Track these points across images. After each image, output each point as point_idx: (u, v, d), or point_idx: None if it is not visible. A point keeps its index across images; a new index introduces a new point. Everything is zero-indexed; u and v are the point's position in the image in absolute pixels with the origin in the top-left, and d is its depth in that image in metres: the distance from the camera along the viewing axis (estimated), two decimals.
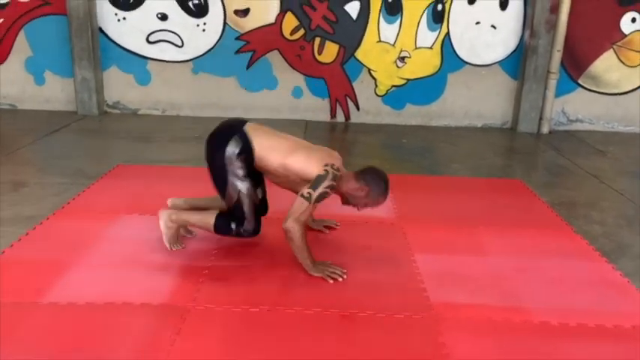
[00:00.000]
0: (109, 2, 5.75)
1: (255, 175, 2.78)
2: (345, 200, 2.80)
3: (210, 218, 2.79)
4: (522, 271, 2.88)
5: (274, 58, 5.90)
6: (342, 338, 2.27)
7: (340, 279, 2.67)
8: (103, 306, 2.40)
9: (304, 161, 2.65)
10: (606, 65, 5.97)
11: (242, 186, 2.69)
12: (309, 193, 2.57)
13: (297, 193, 2.79)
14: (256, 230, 2.79)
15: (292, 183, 2.75)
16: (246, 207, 2.72)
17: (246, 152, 2.67)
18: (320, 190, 2.57)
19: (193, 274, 2.70)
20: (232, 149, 2.67)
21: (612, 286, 2.77)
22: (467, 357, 2.18)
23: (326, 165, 2.61)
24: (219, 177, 2.73)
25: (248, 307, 2.44)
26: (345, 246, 3.04)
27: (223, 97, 6.01)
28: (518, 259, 3.02)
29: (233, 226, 2.75)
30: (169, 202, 3.05)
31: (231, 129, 2.75)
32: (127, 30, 5.83)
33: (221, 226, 2.78)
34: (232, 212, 2.75)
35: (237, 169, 2.68)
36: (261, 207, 3.01)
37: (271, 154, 2.69)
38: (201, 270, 2.74)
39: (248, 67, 5.93)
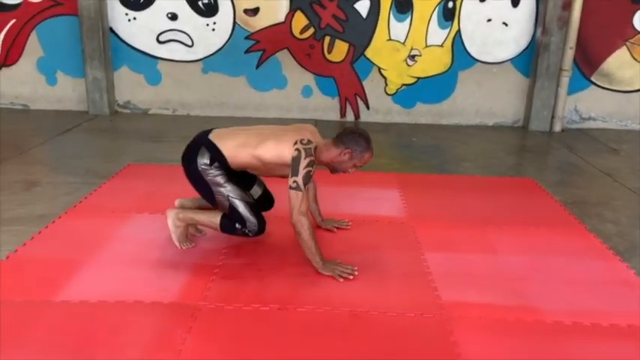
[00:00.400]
0: (119, 2, 5.78)
1: (241, 176, 2.82)
2: (333, 169, 2.78)
3: (216, 218, 2.80)
4: (534, 270, 2.85)
5: (284, 57, 5.90)
6: (352, 337, 2.26)
7: (350, 277, 2.66)
8: (115, 304, 2.41)
9: (274, 148, 2.64)
10: (619, 62, 5.90)
11: (227, 191, 2.73)
12: (294, 182, 2.56)
13: (283, 177, 2.77)
14: (260, 229, 2.78)
15: (275, 170, 2.74)
16: (241, 209, 2.74)
17: (217, 159, 2.71)
18: (302, 172, 2.55)
19: (204, 272, 2.70)
20: (202, 160, 2.72)
21: (626, 285, 2.73)
22: (479, 357, 2.16)
23: (295, 143, 2.58)
24: (204, 190, 2.79)
25: (259, 305, 2.43)
26: (355, 245, 3.03)
27: (233, 97, 6.02)
28: (530, 258, 2.99)
29: (238, 226, 2.76)
30: (177, 202, 3.06)
31: (197, 142, 2.79)
32: (137, 30, 5.86)
33: (226, 226, 2.79)
34: (231, 216, 2.76)
35: (215, 177, 2.72)
36: (264, 203, 3.02)
37: (241, 151, 2.70)
38: (212, 268, 2.74)
39: (258, 66, 5.93)
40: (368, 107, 6.07)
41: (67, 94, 6.04)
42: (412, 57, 5.90)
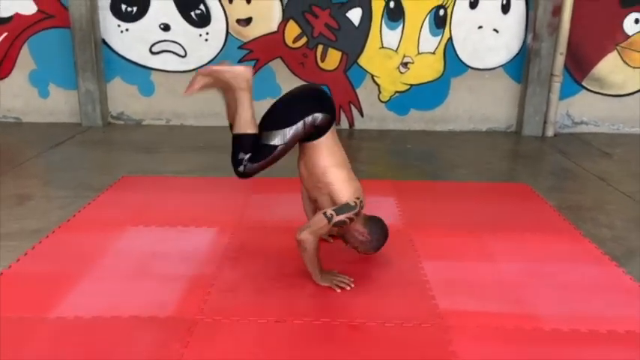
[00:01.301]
0: (111, 14, 5.78)
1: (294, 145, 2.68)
2: (341, 233, 2.78)
3: (249, 128, 2.56)
4: (531, 276, 2.86)
5: (277, 66, 5.91)
6: (351, 349, 2.25)
7: (348, 288, 2.66)
8: (110, 319, 2.39)
9: (342, 182, 2.63)
10: (610, 67, 5.95)
11: (289, 140, 2.57)
12: (331, 214, 2.56)
13: (310, 193, 2.77)
14: (250, 175, 2.61)
15: (317, 190, 2.69)
16: (271, 157, 2.57)
17: (319, 131, 2.61)
18: (342, 217, 2.57)
19: (200, 285, 2.69)
20: (319, 117, 2.57)
21: (623, 291, 2.74)
22: None
23: (357, 198, 2.62)
24: (288, 118, 2.57)
25: (256, 318, 2.42)
26: (352, 254, 3.01)
27: None
28: (526, 265, 2.99)
29: (247, 155, 2.56)
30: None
31: (332, 106, 2.67)
32: (130, 41, 5.85)
33: (243, 142, 2.57)
34: (258, 148, 2.59)
35: (303, 130, 2.57)
36: None
37: (326, 152, 2.64)
38: (209, 281, 2.72)
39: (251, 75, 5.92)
40: (362, 115, 6.08)
41: (59, 106, 6.01)
42: (405, 64, 5.92)
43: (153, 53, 5.89)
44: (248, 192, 3.84)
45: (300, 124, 2.56)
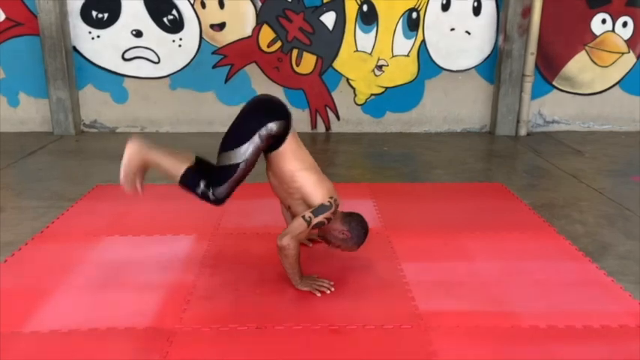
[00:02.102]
0: (82, 21, 5.69)
1: (258, 158, 2.68)
2: (322, 234, 2.80)
3: (180, 167, 2.64)
4: (508, 274, 2.90)
5: (252, 71, 5.90)
6: (332, 352, 2.24)
7: (328, 291, 2.66)
8: (87, 332, 2.34)
9: (314, 184, 2.64)
10: (579, 66, 6.09)
11: (250, 157, 2.57)
12: (309, 217, 2.57)
13: (283, 201, 2.79)
14: (223, 200, 2.65)
15: (289, 197, 2.70)
16: (236, 176, 2.59)
17: (279, 139, 2.62)
18: (320, 218, 2.58)
19: (179, 294, 2.65)
20: (274, 126, 2.57)
21: (597, 286, 2.80)
22: None
23: (331, 198, 2.63)
24: (241, 135, 2.57)
25: (236, 325, 2.40)
26: (332, 258, 3.02)
27: (202, 112, 5.97)
28: (503, 263, 3.03)
29: (202, 184, 2.60)
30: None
31: (284, 112, 2.66)
32: (101, 48, 5.77)
33: (188, 180, 2.63)
34: (217, 171, 2.61)
35: (261, 142, 2.57)
36: None
37: (291, 158, 2.65)
38: (187, 290, 2.69)
39: (226, 80, 5.91)
40: (338, 118, 6.10)
41: (30, 115, 5.89)
42: (379, 67, 5.97)
43: (125, 60, 5.81)
44: None
45: (256, 139, 2.56)
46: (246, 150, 2.56)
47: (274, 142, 2.63)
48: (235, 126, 2.66)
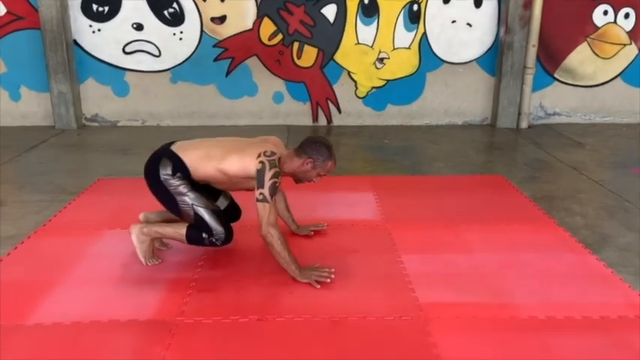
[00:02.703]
0: (82, 14, 5.69)
1: (205, 188, 2.79)
2: (297, 179, 2.79)
3: (182, 229, 2.78)
4: (508, 266, 2.91)
5: (253, 64, 5.89)
6: (332, 344, 2.26)
7: (328, 280, 2.66)
8: (90, 325, 2.37)
9: (239, 161, 2.64)
10: (581, 58, 6.07)
11: (191, 199, 2.70)
12: (261, 193, 2.56)
13: (241, 189, 2.83)
14: (228, 238, 2.76)
15: (241, 183, 2.74)
16: (207, 217, 2.71)
17: (179, 169, 2.70)
18: (268, 184, 2.55)
19: (180, 286, 2.67)
20: (165, 171, 2.70)
21: (597, 277, 2.81)
22: (457, 356, 2.19)
23: (258, 156, 2.59)
24: (168, 201, 2.76)
25: (237, 317, 2.42)
26: (332, 250, 3.04)
27: (203, 106, 5.98)
28: (503, 255, 3.05)
29: (204, 235, 2.74)
30: (141, 216, 3.04)
31: (158, 154, 2.78)
32: (102, 41, 5.77)
33: (193, 237, 2.77)
34: (198, 226, 2.74)
35: (178, 187, 2.70)
36: (231, 214, 3.00)
37: (205, 163, 2.69)
38: (188, 282, 2.71)
39: (227, 74, 5.91)
40: (339, 111, 6.10)
41: (32, 109, 5.90)
42: (381, 60, 5.96)
43: (126, 53, 5.81)
44: None
45: (173, 189, 2.70)
46: (183, 202, 2.71)
47: (182, 173, 2.70)
48: (159, 202, 2.82)
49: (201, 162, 2.70)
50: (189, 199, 2.70)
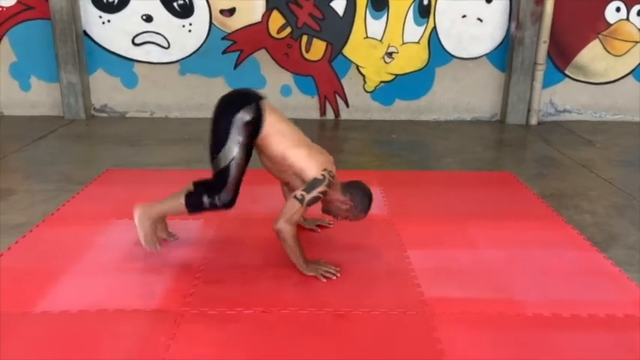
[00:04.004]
0: (92, 5, 5.70)
1: (250, 149, 2.72)
2: (326, 208, 2.80)
3: (179, 199, 2.73)
4: (515, 263, 2.90)
5: (262, 57, 5.88)
6: (337, 337, 2.27)
7: (334, 277, 2.67)
8: (96, 313, 2.38)
9: (305, 159, 2.64)
10: (592, 55, 6.01)
11: (236, 154, 2.62)
12: (302, 195, 2.57)
13: (283, 180, 2.80)
14: (232, 202, 2.70)
15: (283, 174, 2.74)
16: (232, 176, 2.64)
17: (255, 124, 2.64)
18: (314, 194, 2.58)
19: (186, 277, 2.68)
20: (243, 115, 2.61)
21: (604, 276, 2.79)
22: (462, 352, 2.18)
23: (324, 170, 2.62)
24: (219, 138, 2.64)
25: (242, 309, 2.43)
26: (338, 244, 3.04)
27: (211, 98, 5.86)
28: (510, 252, 3.03)
29: (205, 198, 2.67)
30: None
31: (248, 97, 2.71)
32: (111, 32, 5.78)
33: (193, 203, 2.71)
34: (214, 179, 2.67)
35: (239, 135, 2.61)
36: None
37: (277, 138, 2.66)
38: (194, 273, 2.72)
39: (236, 66, 5.90)
40: (347, 105, 6.08)
41: (41, 99, 5.93)
42: (389, 54, 5.93)
43: (135, 44, 5.82)
44: None
45: (233, 135, 2.60)
46: (229, 150, 2.61)
47: (254, 129, 2.64)
48: (211, 133, 2.71)
49: (275, 134, 2.66)
50: (236, 152, 2.61)
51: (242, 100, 2.68)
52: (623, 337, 2.30)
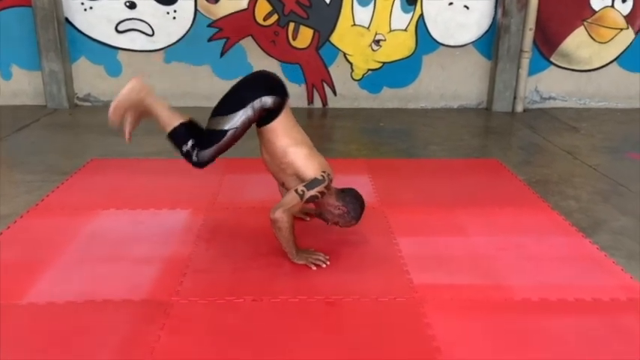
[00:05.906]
0: None
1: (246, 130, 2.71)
2: (319, 212, 2.84)
3: (174, 120, 2.68)
4: (502, 249, 2.93)
5: (248, 44, 5.82)
6: (328, 325, 2.27)
7: (324, 265, 2.68)
8: (83, 304, 2.36)
9: (305, 158, 2.66)
10: (577, 42, 6.05)
11: (240, 125, 2.61)
12: (302, 190, 2.59)
13: (277, 177, 2.80)
14: (205, 164, 2.68)
15: (282, 172, 2.73)
16: (223, 142, 2.63)
17: (270, 114, 2.65)
18: (313, 192, 2.60)
19: (175, 267, 2.67)
20: (267, 100, 2.61)
21: (590, 261, 2.83)
22: (452, 337, 2.20)
23: (324, 172, 2.64)
24: (236, 103, 2.62)
25: (232, 298, 2.42)
26: (328, 232, 3.04)
27: (198, 86, 5.91)
28: (497, 238, 3.06)
29: (189, 143, 2.64)
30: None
31: (282, 89, 2.70)
32: (94, 20, 5.68)
33: (178, 135, 2.66)
34: (206, 135, 2.65)
35: (252, 113, 2.61)
36: None
37: (282, 134, 2.67)
38: (184, 262, 2.71)
39: (222, 54, 5.84)
40: (335, 93, 6.06)
41: (23, 88, 5.81)
42: (377, 42, 5.91)
43: (119, 32, 5.72)
44: (221, 173, 3.80)
45: (248, 109, 2.59)
46: (237, 118, 2.60)
47: (266, 116, 2.65)
48: (231, 93, 2.70)
49: (281, 131, 2.66)
50: (240, 124, 2.60)
51: (276, 88, 2.68)
52: (609, 319, 2.33)
